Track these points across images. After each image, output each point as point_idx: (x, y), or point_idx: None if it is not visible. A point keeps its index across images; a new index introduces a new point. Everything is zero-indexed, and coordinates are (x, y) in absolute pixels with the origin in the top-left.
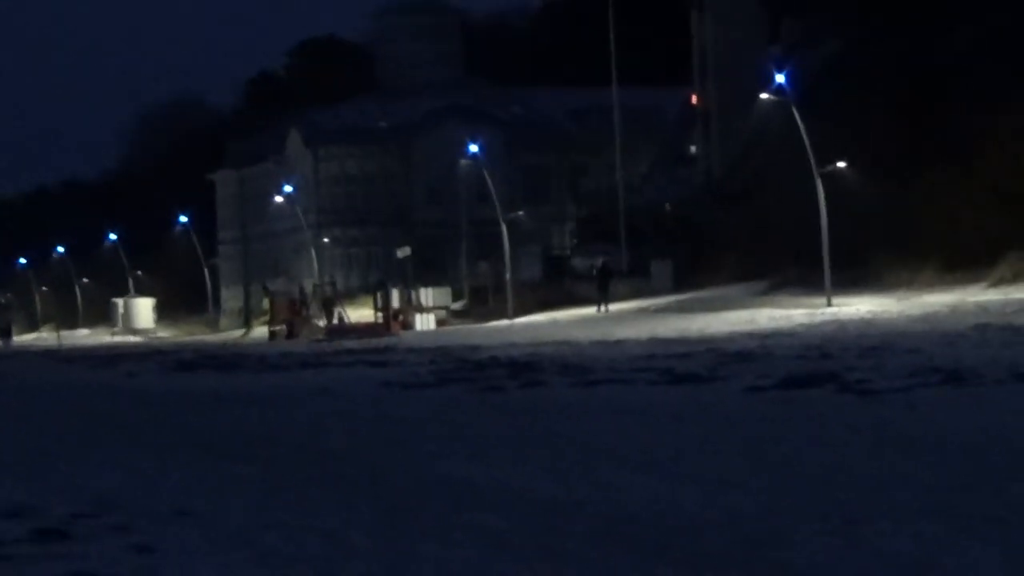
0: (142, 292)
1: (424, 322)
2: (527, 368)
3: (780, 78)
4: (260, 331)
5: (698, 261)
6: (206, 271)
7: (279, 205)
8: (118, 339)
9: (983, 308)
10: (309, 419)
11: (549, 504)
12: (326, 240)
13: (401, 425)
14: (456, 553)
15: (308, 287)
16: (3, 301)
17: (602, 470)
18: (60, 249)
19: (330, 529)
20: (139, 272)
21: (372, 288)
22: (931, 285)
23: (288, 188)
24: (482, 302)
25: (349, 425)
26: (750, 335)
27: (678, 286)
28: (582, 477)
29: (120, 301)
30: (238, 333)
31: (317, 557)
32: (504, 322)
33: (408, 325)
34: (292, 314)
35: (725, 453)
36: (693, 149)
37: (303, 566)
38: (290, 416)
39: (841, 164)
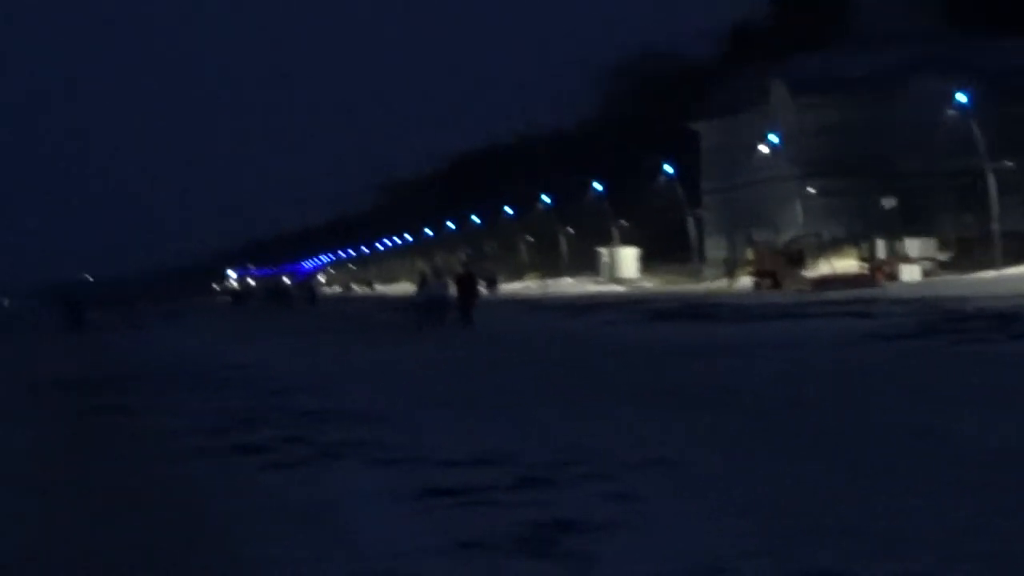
0: (625, 242)
1: (909, 273)
2: (1014, 320)
3: None
4: (744, 281)
5: None
6: (689, 221)
7: (762, 155)
8: (602, 288)
9: None
10: (779, 370)
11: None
12: (809, 190)
13: (885, 378)
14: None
15: (791, 238)
16: (487, 252)
17: None
18: (544, 199)
19: (806, 481)
20: (622, 222)
21: (857, 239)
22: None
23: (773, 138)
24: (968, 253)
25: (818, 377)
26: None
27: None
28: None
29: (605, 251)
30: (722, 283)
31: (798, 510)
32: (991, 273)
33: (893, 276)
34: (777, 265)
35: None
36: None
37: (787, 519)
38: (759, 366)
39: None
